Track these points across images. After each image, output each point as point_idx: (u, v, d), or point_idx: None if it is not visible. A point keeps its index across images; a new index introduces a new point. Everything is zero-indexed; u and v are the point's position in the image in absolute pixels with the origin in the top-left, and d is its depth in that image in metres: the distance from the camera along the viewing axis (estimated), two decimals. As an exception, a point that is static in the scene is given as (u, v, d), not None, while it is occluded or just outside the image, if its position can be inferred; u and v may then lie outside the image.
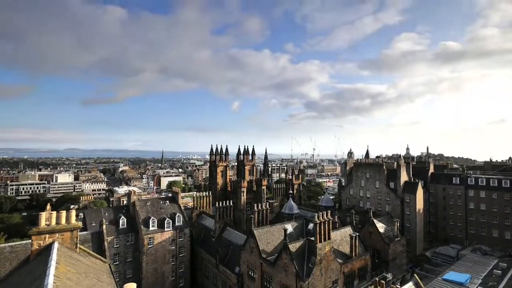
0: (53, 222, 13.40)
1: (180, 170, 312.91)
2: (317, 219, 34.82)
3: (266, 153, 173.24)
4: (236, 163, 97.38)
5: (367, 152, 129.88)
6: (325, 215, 35.89)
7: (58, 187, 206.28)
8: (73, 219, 13.92)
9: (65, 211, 14.06)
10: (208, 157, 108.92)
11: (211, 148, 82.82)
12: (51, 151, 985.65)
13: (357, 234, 42.82)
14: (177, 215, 53.46)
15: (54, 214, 13.62)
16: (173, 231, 51.82)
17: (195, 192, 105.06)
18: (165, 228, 51.13)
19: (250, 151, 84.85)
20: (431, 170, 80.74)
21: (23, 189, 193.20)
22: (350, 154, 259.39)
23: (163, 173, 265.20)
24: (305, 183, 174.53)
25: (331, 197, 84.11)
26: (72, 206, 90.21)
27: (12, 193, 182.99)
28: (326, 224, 35.69)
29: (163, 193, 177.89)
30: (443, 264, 56.87)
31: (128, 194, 58.97)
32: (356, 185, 74.71)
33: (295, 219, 52.06)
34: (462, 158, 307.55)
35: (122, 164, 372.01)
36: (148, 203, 54.80)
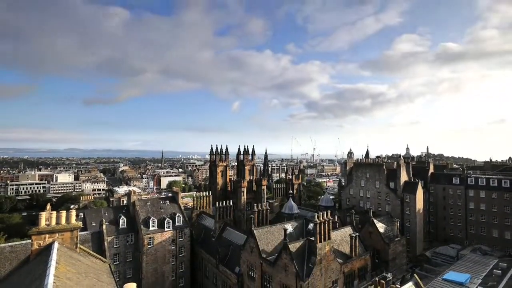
0: (53, 222, 13.41)
1: (180, 170, 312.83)
2: (317, 219, 34.85)
3: (266, 153, 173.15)
4: (236, 163, 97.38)
5: (367, 152, 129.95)
6: (325, 215, 35.93)
7: (58, 187, 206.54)
8: (73, 219, 13.93)
9: (65, 211, 14.07)
10: (208, 157, 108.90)
11: (211, 148, 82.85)
12: (51, 151, 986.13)
13: (357, 234, 42.84)
14: (177, 215, 53.48)
15: (54, 214, 13.64)
16: (173, 231, 51.84)
17: (195, 192, 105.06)
18: (165, 228, 51.15)
19: (250, 151, 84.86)
20: (431, 170, 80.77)
21: (23, 189, 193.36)
22: (350, 154, 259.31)
23: (163, 173, 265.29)
24: (305, 183, 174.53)
25: (331, 197, 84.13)
26: (72, 206, 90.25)
27: (12, 193, 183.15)
28: (326, 224, 35.72)
29: (163, 193, 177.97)
30: (443, 264, 56.89)
31: (128, 194, 59.00)
32: (356, 185, 74.72)
33: (295, 219, 52.08)
34: (462, 158, 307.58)
35: (122, 164, 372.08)
36: (148, 203, 54.82)
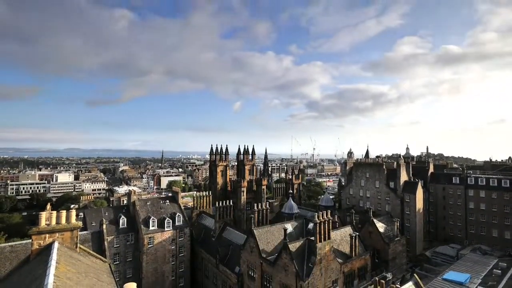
0: (53, 221, 13.42)
1: (180, 169, 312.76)
2: (317, 219, 34.85)
3: (266, 152, 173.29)
4: (236, 163, 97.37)
5: (367, 152, 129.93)
6: (325, 214, 35.93)
7: (58, 187, 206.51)
8: (73, 219, 13.95)
9: (65, 211, 14.08)
10: (208, 156, 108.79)
11: (211, 148, 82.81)
12: (51, 151, 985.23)
13: (357, 233, 42.86)
14: (177, 214, 53.50)
15: (54, 213, 13.65)
16: (173, 230, 51.87)
17: (195, 192, 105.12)
18: (165, 227, 51.17)
19: (250, 151, 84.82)
20: (431, 169, 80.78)
21: (23, 188, 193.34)
22: (350, 154, 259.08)
23: (163, 173, 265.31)
24: (305, 182, 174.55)
25: (331, 197, 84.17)
26: (72, 206, 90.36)
27: (12, 193, 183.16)
28: (326, 224, 35.74)
29: (163, 193, 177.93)
30: (443, 264, 56.93)
31: (128, 194, 59.02)
32: (356, 184, 74.72)
33: (295, 218, 52.08)
34: (462, 157, 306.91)
35: (122, 164, 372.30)
36: (148, 203, 54.82)
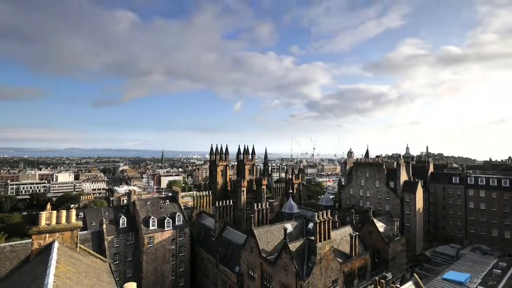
0: (53, 221, 13.42)
1: (180, 169, 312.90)
2: (317, 219, 34.86)
3: (266, 152, 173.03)
4: (236, 163, 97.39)
5: (367, 151, 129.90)
6: (325, 214, 35.94)
7: (58, 187, 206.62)
8: (73, 219, 13.95)
9: (65, 211, 14.07)
10: (208, 156, 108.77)
11: (211, 148, 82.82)
12: (51, 151, 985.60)
13: (357, 233, 42.87)
14: (177, 214, 53.51)
15: (54, 213, 13.65)
16: (173, 230, 51.89)
17: (195, 192, 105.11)
18: (165, 227, 51.19)
19: (250, 151, 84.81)
20: (431, 169, 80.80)
21: (23, 188, 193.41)
22: (350, 153, 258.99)
23: (163, 173, 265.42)
24: (305, 182, 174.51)
25: (331, 197, 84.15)
26: (72, 206, 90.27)
27: (12, 193, 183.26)
28: (326, 224, 35.75)
29: (163, 193, 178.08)
30: (442, 264, 56.97)
31: (128, 194, 59.02)
32: (356, 184, 74.73)
33: (295, 218, 52.09)
34: (462, 157, 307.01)
35: (122, 164, 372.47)
36: (148, 203, 54.84)
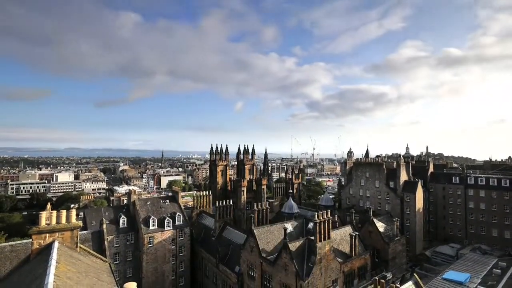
0: (54, 221, 13.42)
1: (180, 169, 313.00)
2: (317, 218, 34.88)
3: (266, 152, 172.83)
4: (236, 163, 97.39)
5: (367, 151, 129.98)
6: (325, 214, 35.96)
7: (58, 187, 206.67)
8: (74, 219, 13.95)
9: (65, 211, 14.07)
10: (208, 156, 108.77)
11: (211, 148, 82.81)
12: (51, 150, 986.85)
13: (357, 233, 42.88)
14: (177, 214, 53.52)
15: (54, 213, 13.64)
16: (173, 230, 51.90)
17: (195, 192, 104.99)
18: (165, 227, 51.19)
19: (250, 151, 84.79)
20: (431, 169, 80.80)
21: (24, 188, 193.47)
22: (349, 153, 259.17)
23: (163, 173, 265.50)
24: (305, 182, 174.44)
25: (331, 197, 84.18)
26: (72, 205, 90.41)
27: (13, 192, 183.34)
28: (326, 223, 35.77)
29: (163, 193, 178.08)
30: (442, 263, 57.03)
31: (128, 194, 59.05)
32: (356, 184, 74.74)
33: (295, 218, 52.10)
34: (462, 157, 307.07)
35: (122, 164, 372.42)
36: (148, 203, 54.85)
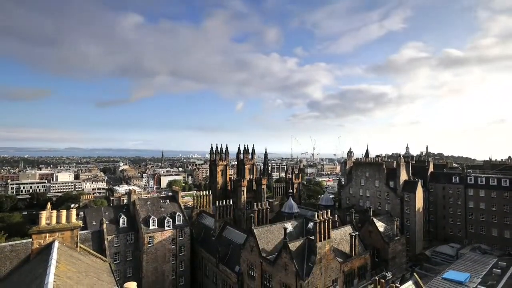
0: (54, 221, 13.42)
1: (180, 169, 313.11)
2: (317, 218, 34.90)
3: (266, 152, 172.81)
4: (236, 162, 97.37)
5: (367, 151, 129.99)
6: (325, 214, 35.97)
7: (58, 186, 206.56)
8: (74, 218, 13.95)
9: (65, 210, 14.07)
10: (208, 156, 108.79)
11: (211, 147, 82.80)
12: (52, 150, 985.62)
13: (357, 233, 42.91)
14: (177, 214, 53.53)
15: (54, 213, 13.65)
16: (173, 230, 51.92)
17: (195, 191, 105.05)
18: (165, 227, 51.21)
19: (250, 150, 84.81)
20: (431, 169, 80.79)
21: (24, 188, 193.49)
22: (349, 153, 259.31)
23: (163, 172, 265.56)
24: (305, 182, 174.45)
25: (331, 196, 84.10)
26: (72, 205, 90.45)
27: (13, 192, 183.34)
28: (326, 223, 35.78)
29: (163, 192, 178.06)
30: (442, 263, 57.06)
31: (128, 193, 59.09)
32: (355, 184, 74.74)
33: (295, 218, 52.07)
34: (462, 157, 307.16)
35: (122, 163, 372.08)
36: (148, 202, 54.86)
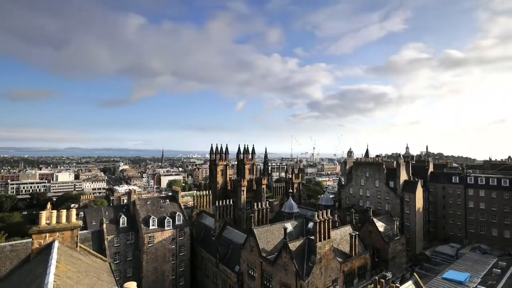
0: (54, 221, 13.43)
1: (180, 169, 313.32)
2: (317, 218, 34.91)
3: (266, 152, 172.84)
4: (236, 162, 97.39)
5: (367, 151, 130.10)
6: (325, 214, 35.97)
7: (58, 186, 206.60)
8: (74, 218, 13.96)
9: (65, 210, 14.08)
10: (208, 156, 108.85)
11: (211, 147, 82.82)
12: (52, 150, 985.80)
13: (357, 233, 42.91)
14: (177, 214, 53.54)
15: (54, 213, 13.66)
16: (173, 230, 51.93)
17: (195, 191, 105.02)
18: (165, 227, 51.23)
19: (250, 150, 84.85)
20: (431, 169, 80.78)
21: (24, 188, 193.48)
22: (349, 153, 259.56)
23: (163, 172, 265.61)
24: (305, 182, 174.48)
25: (331, 196, 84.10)
26: (72, 205, 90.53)
27: (13, 192, 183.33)
28: (326, 223, 35.79)
29: (163, 192, 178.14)
30: (442, 263, 57.06)
31: (128, 193, 59.11)
32: (355, 184, 74.74)
33: (295, 218, 52.07)
34: (462, 157, 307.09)
35: (122, 163, 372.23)
36: (148, 202, 54.87)
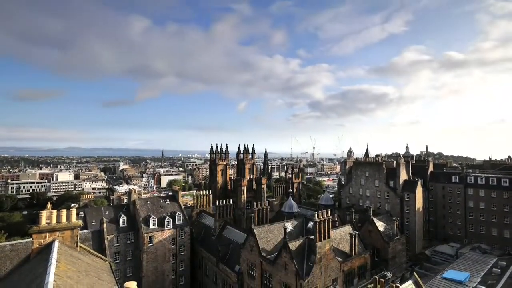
0: (54, 220, 13.44)
1: (180, 168, 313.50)
2: (317, 218, 34.94)
3: (266, 151, 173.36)
4: (236, 162, 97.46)
5: (367, 151, 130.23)
6: (324, 213, 36.00)
7: (58, 186, 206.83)
8: (74, 218, 13.97)
9: (65, 210, 14.10)
10: (208, 155, 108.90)
11: (211, 147, 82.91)
12: (52, 150, 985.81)
13: (357, 232, 42.92)
14: (177, 213, 53.58)
15: (54, 212, 13.67)
16: (173, 229, 51.96)
17: (195, 191, 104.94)
18: (165, 226, 51.26)
19: (250, 150, 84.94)
20: (431, 168, 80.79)
21: (24, 187, 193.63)
22: (349, 153, 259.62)
23: (163, 172, 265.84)
24: (305, 181, 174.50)
25: (330, 196, 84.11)
26: (72, 205, 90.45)
27: (13, 192, 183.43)
28: (326, 223, 35.82)
29: (163, 192, 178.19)
30: (442, 263, 57.10)
31: (128, 193, 59.13)
32: (355, 183, 74.78)
33: (295, 217, 52.10)
34: (462, 157, 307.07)
35: (122, 163, 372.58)
36: (148, 202, 54.89)
